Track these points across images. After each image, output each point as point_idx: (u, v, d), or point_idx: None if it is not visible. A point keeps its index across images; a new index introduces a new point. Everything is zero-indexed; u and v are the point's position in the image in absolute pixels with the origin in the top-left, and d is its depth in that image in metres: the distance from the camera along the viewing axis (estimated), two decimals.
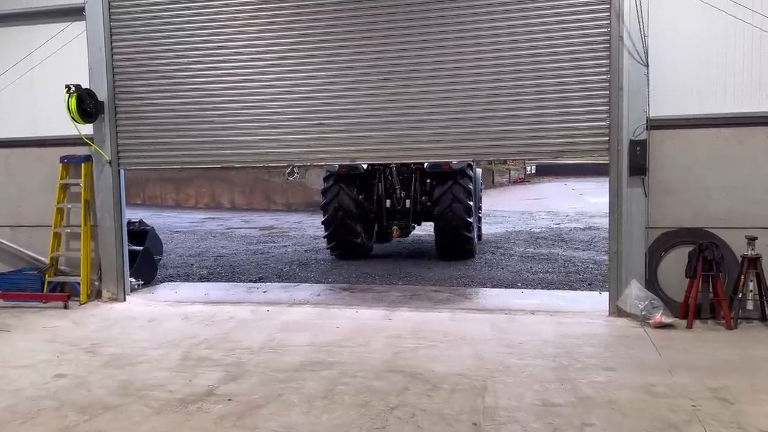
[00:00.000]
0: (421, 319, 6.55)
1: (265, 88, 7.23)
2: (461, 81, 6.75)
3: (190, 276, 9.68)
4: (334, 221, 10.45)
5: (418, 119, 6.89)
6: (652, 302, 6.25)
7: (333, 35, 7.02)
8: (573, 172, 55.04)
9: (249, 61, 7.27)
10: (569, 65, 6.50)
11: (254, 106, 7.26)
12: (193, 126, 7.47)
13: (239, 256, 11.75)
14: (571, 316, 6.55)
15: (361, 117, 7.02)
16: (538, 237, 13.74)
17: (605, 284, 8.27)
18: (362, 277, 9.27)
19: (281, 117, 7.21)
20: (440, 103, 6.82)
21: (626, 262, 6.53)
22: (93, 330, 6.46)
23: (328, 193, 10.54)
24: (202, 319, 6.74)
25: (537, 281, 8.67)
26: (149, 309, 7.31)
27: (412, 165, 10.69)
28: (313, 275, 9.46)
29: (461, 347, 5.52)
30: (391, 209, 10.68)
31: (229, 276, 9.59)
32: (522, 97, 6.61)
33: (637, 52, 6.34)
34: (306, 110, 7.14)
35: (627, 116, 6.41)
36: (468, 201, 10.05)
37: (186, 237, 15.45)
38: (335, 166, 10.44)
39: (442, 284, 8.58)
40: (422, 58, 6.82)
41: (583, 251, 11.48)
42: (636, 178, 6.45)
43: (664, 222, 6.54)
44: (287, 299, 7.65)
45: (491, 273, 9.33)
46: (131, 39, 7.60)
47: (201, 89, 7.41)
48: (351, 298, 7.71)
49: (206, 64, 7.38)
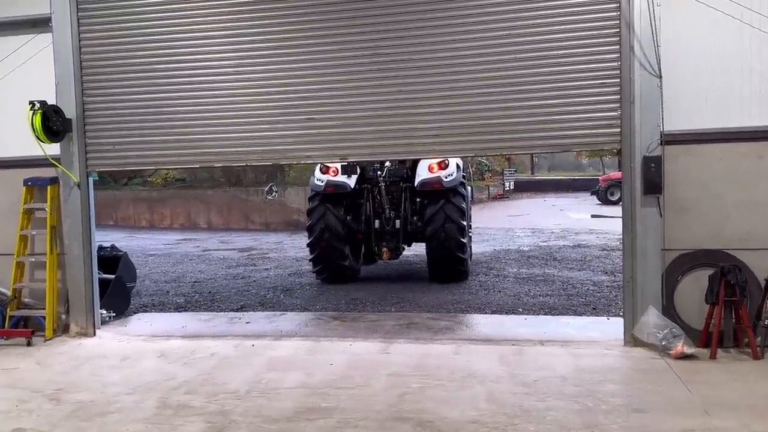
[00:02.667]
0: (422, 352, 6.01)
1: (247, 81, 6.66)
2: (461, 72, 6.25)
3: (165, 305, 9.02)
4: (320, 243, 9.87)
5: (416, 112, 6.36)
6: (672, 331, 5.78)
7: (322, 22, 6.49)
8: (551, 188, 55.27)
9: (230, 53, 6.70)
10: (575, 75, 6.08)
11: (237, 101, 6.69)
12: (169, 127, 6.88)
13: (218, 281, 11.10)
14: (584, 346, 6.05)
15: (353, 111, 6.46)
16: (529, 256, 13.29)
17: (610, 308, 7.86)
18: (352, 303, 8.70)
19: (266, 112, 6.63)
20: (439, 95, 6.30)
21: (642, 287, 6.07)
22: (59, 372, 5.80)
23: (314, 214, 9.97)
24: (180, 356, 6.12)
25: (538, 306, 8.18)
26: (122, 345, 6.66)
27: (402, 183, 10.18)
28: (299, 302, 8.86)
29: (472, 386, 4.99)
30: (380, 230, 10.13)
31: (209, 304, 8.95)
32: (527, 100, 6.17)
33: (648, 62, 5.93)
34: (293, 104, 6.57)
35: (639, 131, 5.99)
36: (461, 221, 9.56)
37: (161, 260, 14.73)
38: (321, 186, 9.89)
39: (438, 310, 8.05)
40: (420, 47, 6.32)
41: (578, 271, 11.05)
42: (650, 196, 6.02)
43: (680, 243, 6.11)
44: (273, 331, 7.05)
45: (488, 297, 8.83)
46: (101, 51, 7.01)
47: (178, 89, 6.83)
48: (343, 329, 7.13)
49: (183, 63, 6.81)
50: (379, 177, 9.90)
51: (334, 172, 9.88)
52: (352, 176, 9.91)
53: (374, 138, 6.46)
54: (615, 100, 6.01)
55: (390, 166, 10.16)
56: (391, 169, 10.17)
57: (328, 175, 9.90)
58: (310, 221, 10.03)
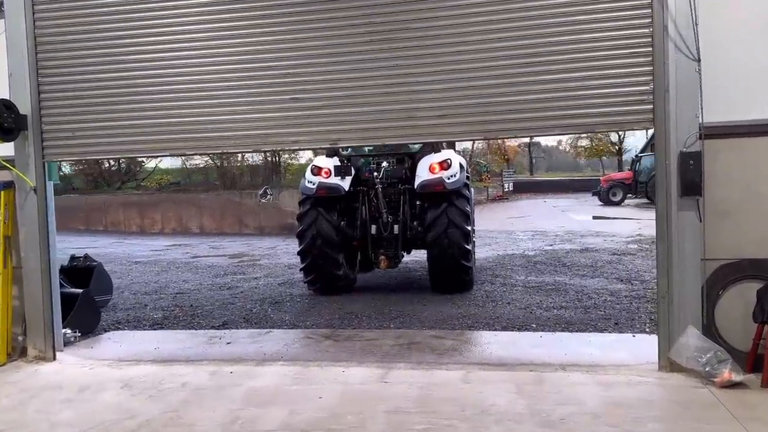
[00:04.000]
0: (426, 381, 5.18)
1: (222, 57, 5.80)
2: (467, 43, 5.40)
3: (141, 321, 8.18)
4: (312, 251, 9.04)
5: (415, 90, 5.51)
6: (717, 354, 4.97)
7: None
8: (550, 188, 54.63)
9: (202, 24, 5.84)
10: (600, 47, 5.26)
11: (210, 81, 5.83)
12: (137, 111, 6.02)
13: (203, 292, 10.27)
14: (612, 372, 5.24)
15: (344, 89, 5.61)
16: (535, 262, 12.49)
17: (634, 323, 7.07)
18: (346, 318, 7.87)
19: (244, 92, 5.78)
20: (442, 69, 5.44)
21: (679, 303, 5.26)
22: (3, 408, 4.97)
23: (305, 219, 9.14)
24: (147, 386, 5.29)
25: (553, 320, 7.37)
26: (83, 372, 5.83)
27: (400, 185, 9.35)
28: (288, 317, 8.03)
29: (489, 428, 4.17)
30: (377, 236, 9.29)
31: (188, 320, 8.11)
32: (544, 74, 5.31)
33: (685, 44, 5.12)
34: (275, 82, 5.72)
35: (675, 123, 5.18)
36: (465, 225, 8.73)
37: (146, 268, 13.91)
38: (312, 188, 9.06)
39: (442, 327, 7.23)
40: (419, 14, 5.46)
41: (591, 278, 10.24)
42: (689, 198, 5.21)
43: (721, 252, 5.29)
44: (255, 354, 6.22)
45: (497, 310, 8.01)
46: (59, 34, 6.17)
47: (145, 70, 5.97)
48: (335, 350, 6.30)
49: (150, 40, 5.96)
50: (376, 178, 9.07)
51: (326, 174, 9.06)
52: (347, 178, 9.08)
53: (368, 120, 5.59)
54: (646, 72, 5.17)
55: (387, 167, 9.34)
56: (389, 170, 9.35)
57: (319, 176, 9.07)
58: (300, 227, 9.19)
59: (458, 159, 9.20)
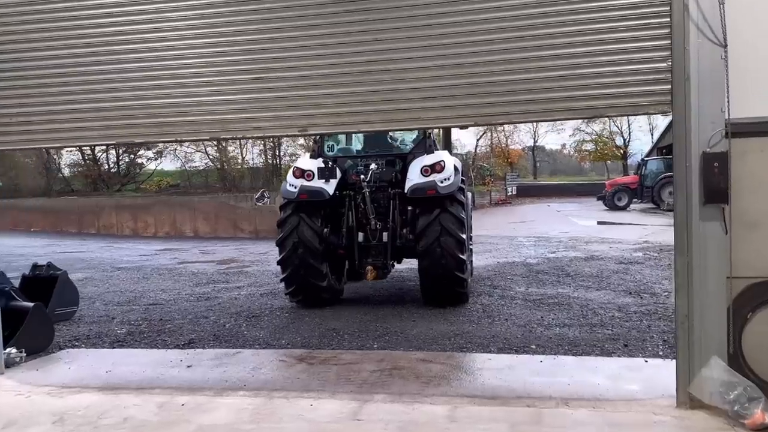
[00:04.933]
0: (406, 418, 4.44)
1: (175, 31, 5.02)
2: (456, 14, 4.62)
3: (102, 337, 7.47)
4: (293, 260, 8.30)
5: (397, 68, 4.72)
6: (747, 390, 4.23)
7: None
8: (554, 192, 53.88)
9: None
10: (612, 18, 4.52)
11: (163, 59, 5.05)
12: (78, 93, 5.24)
13: (178, 303, 9.55)
14: (623, 408, 4.50)
15: (315, 68, 4.82)
16: (537, 271, 11.74)
17: (645, 345, 6.32)
18: (326, 336, 7.13)
19: (201, 71, 4.99)
20: (428, 44, 4.66)
21: (701, 328, 4.51)
22: None
23: (286, 225, 8.39)
24: (83, 421, 4.57)
25: (555, 340, 6.62)
26: (16, 402, 5.11)
27: (390, 189, 8.60)
28: (263, 334, 7.29)
29: None
30: (365, 244, 8.55)
31: (153, 337, 7.38)
32: (544, 49, 4.53)
33: (709, 26, 4.38)
34: (236, 59, 4.94)
35: (697, 119, 4.45)
36: (460, 233, 7.98)
37: (127, 276, 13.22)
38: (294, 192, 8.32)
39: (431, 347, 6.49)
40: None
41: (596, 291, 9.49)
42: (712, 207, 4.47)
43: (750, 269, 4.54)
44: (216, 381, 5.48)
45: (493, 327, 7.26)
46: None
47: (89, 50, 5.19)
48: (307, 377, 5.57)
49: (94, 19, 5.18)
50: (363, 181, 8.34)
51: (309, 176, 8.32)
52: (331, 181, 8.34)
53: (342, 104, 4.81)
54: (663, 47, 4.41)
55: (376, 169, 8.61)
56: (378, 173, 8.61)
57: (302, 179, 8.34)
58: (281, 234, 8.45)
59: (452, 161, 8.46)
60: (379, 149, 9.09)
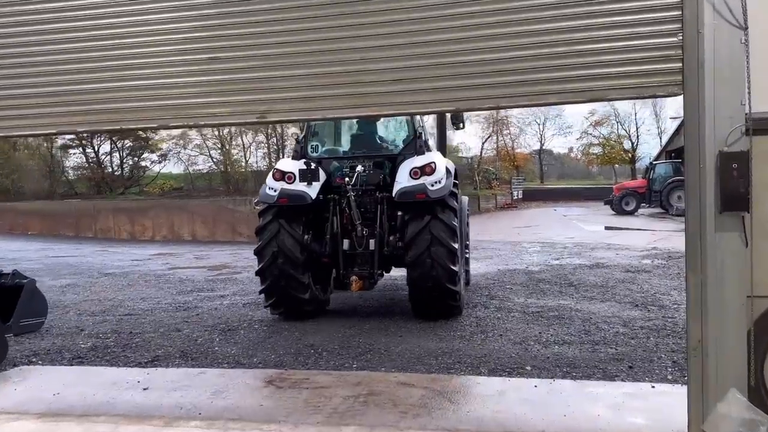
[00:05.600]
0: None
1: (116, 6, 4.33)
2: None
3: (65, 351, 6.91)
4: (272, 271, 7.71)
5: (366, 46, 4.04)
6: None
7: None
8: (561, 197, 53.23)
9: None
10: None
11: (102, 36, 4.35)
12: (10, 86, 4.54)
13: (155, 313, 8.98)
14: None
15: (275, 46, 4.15)
16: (539, 279, 11.12)
17: (652, 366, 5.71)
18: (303, 353, 6.54)
19: (146, 51, 4.32)
20: (402, 18, 3.98)
21: (716, 356, 3.88)
22: None
23: (264, 233, 7.79)
24: None
25: (552, 360, 6.01)
26: None
27: (377, 193, 8.00)
28: (235, 351, 6.71)
29: None
30: (350, 252, 7.95)
31: (118, 352, 6.82)
32: (533, 23, 3.85)
33: (727, 5, 3.78)
34: (189, 37, 4.27)
35: (713, 112, 3.82)
36: (452, 243, 7.36)
37: (112, 282, 12.70)
38: (273, 196, 7.73)
39: (416, 367, 5.90)
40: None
41: (600, 302, 8.86)
42: (731, 215, 3.85)
43: None
44: (170, 408, 4.90)
45: (486, 345, 6.66)
46: None
47: (8, 31, 4.52)
48: (272, 403, 4.98)
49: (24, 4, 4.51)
50: (348, 184, 7.74)
51: (289, 179, 7.73)
52: (314, 184, 7.76)
53: (306, 87, 4.14)
54: (674, 18, 3.78)
55: (362, 171, 8.01)
56: (364, 175, 8.01)
57: (282, 182, 7.75)
58: (259, 242, 7.85)
59: (444, 162, 7.85)
60: (366, 150, 8.49)
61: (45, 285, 12.30)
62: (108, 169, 53.55)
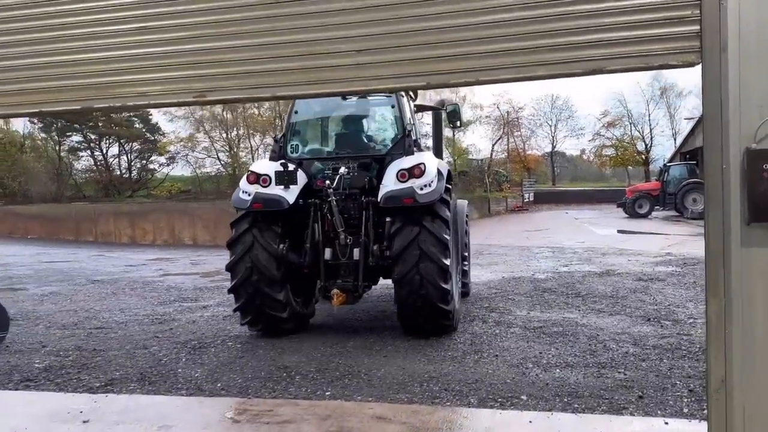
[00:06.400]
0: None
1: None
2: None
3: (15, 372, 6.30)
4: (246, 289, 7.01)
5: (324, 10, 3.30)
6: None
7: None
8: (573, 199, 52.33)
9: None
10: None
11: (14, 5, 3.66)
12: None
13: (129, 326, 8.37)
14: None
15: (217, 12, 3.43)
16: (545, 289, 10.40)
17: (665, 395, 4.99)
18: (274, 376, 5.88)
19: (69, 23, 3.61)
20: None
21: (742, 397, 3.18)
22: None
23: (237, 246, 7.08)
24: None
25: (552, 388, 5.31)
26: None
27: (362, 197, 7.29)
28: (199, 374, 6.05)
29: None
30: (333, 262, 7.26)
31: (73, 374, 6.18)
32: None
33: None
34: (116, 4, 3.55)
35: (737, 102, 3.12)
36: (444, 259, 6.60)
37: (97, 290, 12.15)
38: (247, 201, 7.07)
39: (397, 395, 5.21)
40: None
41: (609, 315, 8.14)
42: (760, 228, 3.14)
43: None
44: None
45: (479, 367, 5.96)
46: None
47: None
48: None
49: None
50: (329, 188, 7.05)
51: (264, 182, 7.06)
52: (292, 187, 7.08)
53: (251, 61, 3.43)
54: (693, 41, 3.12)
55: (346, 173, 7.33)
56: (348, 178, 7.33)
57: (257, 185, 7.08)
58: (231, 257, 7.16)
59: (436, 163, 7.14)
60: (351, 150, 7.79)
61: (26, 294, 11.80)
62: (116, 172, 53.42)
